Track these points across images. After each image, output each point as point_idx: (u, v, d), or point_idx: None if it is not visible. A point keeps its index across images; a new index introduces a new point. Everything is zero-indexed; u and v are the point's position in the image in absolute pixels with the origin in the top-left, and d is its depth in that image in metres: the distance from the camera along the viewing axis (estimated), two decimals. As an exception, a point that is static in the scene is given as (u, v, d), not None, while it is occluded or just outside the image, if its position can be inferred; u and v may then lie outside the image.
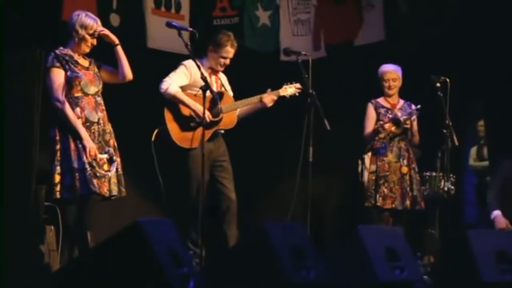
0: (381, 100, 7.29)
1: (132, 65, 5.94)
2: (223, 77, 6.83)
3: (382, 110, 7.22)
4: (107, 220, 6.71)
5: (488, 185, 7.82)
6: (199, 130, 6.46)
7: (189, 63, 6.59)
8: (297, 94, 6.84)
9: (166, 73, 7.54)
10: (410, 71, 7.14)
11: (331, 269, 5.14)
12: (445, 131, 6.82)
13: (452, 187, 7.10)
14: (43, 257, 6.16)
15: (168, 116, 6.55)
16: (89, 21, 5.73)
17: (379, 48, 8.13)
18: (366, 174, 7.88)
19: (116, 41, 5.83)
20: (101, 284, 4.45)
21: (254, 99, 6.75)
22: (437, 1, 8.02)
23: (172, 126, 6.53)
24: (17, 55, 5.66)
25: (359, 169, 8.05)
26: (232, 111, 6.71)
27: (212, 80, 6.72)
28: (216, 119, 6.61)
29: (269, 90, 6.72)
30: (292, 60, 6.91)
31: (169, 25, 6.08)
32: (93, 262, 4.55)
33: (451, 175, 7.05)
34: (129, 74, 5.90)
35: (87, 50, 5.80)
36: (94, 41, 5.78)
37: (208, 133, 6.55)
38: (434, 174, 7.29)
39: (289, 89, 6.82)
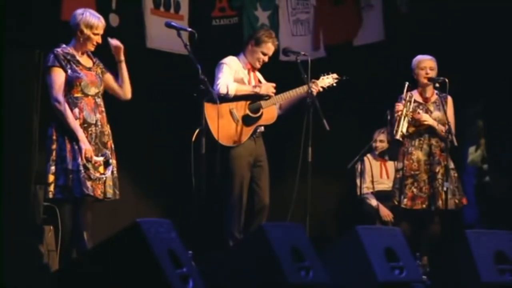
0: (415, 94, 6.88)
1: (131, 65, 5.92)
2: (259, 74, 6.87)
3: (413, 105, 6.84)
4: (106, 220, 6.71)
5: (487, 185, 7.83)
6: (240, 127, 6.54)
7: (228, 60, 6.66)
8: (334, 84, 6.80)
9: (165, 73, 7.56)
10: (409, 72, 7.13)
11: (330, 270, 5.15)
12: (444, 131, 6.80)
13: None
14: (42, 257, 6.16)
15: (208, 115, 6.38)
16: (94, 20, 5.69)
17: (379, 49, 8.13)
18: (366, 175, 7.88)
19: (122, 57, 5.79)
20: (100, 284, 4.45)
21: (297, 91, 6.70)
22: (436, 2, 8.02)
23: (213, 125, 6.38)
24: (16, 55, 5.66)
25: (359, 169, 8.07)
26: (272, 106, 6.71)
27: (251, 76, 6.78)
28: (256, 115, 6.63)
29: (313, 80, 6.67)
30: (291, 60, 6.91)
31: (168, 25, 6.07)
32: (92, 262, 4.55)
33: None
34: (128, 93, 5.86)
35: (92, 48, 5.74)
36: (100, 39, 5.74)
37: (249, 130, 6.60)
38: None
39: (326, 80, 6.80)
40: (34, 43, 6.06)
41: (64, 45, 5.71)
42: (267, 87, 6.64)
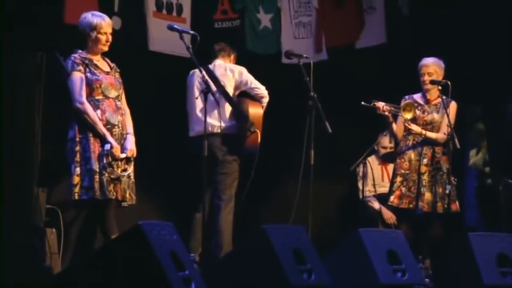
0: (416, 96, 6.97)
1: (134, 67, 5.93)
2: None
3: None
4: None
5: (488, 187, 7.83)
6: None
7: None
8: None
9: (167, 76, 7.55)
10: (411, 74, 7.14)
11: (332, 272, 5.15)
12: (446, 134, 6.79)
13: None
14: (44, 260, 6.16)
15: (259, 116, 6.70)
16: (97, 20, 5.71)
17: (380, 51, 8.13)
18: (368, 178, 7.86)
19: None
20: (102, 287, 4.45)
21: None
22: (438, 4, 8.03)
23: (260, 128, 6.66)
24: (19, 58, 5.66)
25: (360, 172, 8.06)
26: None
27: None
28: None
29: None
30: (293, 62, 6.91)
31: (170, 28, 6.08)
32: (95, 264, 4.55)
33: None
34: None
35: (106, 48, 5.75)
36: (109, 38, 5.75)
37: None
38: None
39: None
40: (37, 46, 6.06)
41: (80, 51, 5.75)
42: None
